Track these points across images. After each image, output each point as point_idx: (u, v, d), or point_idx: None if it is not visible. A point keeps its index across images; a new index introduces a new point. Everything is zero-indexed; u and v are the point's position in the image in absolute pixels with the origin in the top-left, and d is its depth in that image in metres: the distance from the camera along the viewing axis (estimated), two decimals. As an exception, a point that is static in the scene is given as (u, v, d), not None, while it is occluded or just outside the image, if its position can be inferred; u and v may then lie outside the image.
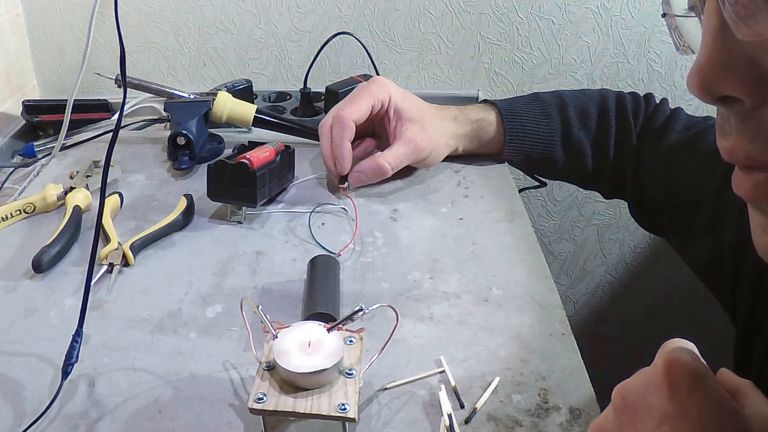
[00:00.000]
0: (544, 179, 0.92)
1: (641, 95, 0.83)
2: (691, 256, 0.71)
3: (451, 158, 0.87)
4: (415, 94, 0.84)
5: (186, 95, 0.93)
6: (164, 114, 1.01)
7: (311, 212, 0.78)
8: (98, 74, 0.96)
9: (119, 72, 0.78)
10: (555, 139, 0.82)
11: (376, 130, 0.86)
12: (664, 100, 0.81)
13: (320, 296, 0.61)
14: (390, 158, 0.80)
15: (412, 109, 0.81)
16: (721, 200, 0.64)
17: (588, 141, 0.81)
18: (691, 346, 0.35)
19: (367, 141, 0.85)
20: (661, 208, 0.75)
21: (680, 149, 0.74)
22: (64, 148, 0.93)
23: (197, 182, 0.84)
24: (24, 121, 1.01)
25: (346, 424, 0.47)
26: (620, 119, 0.80)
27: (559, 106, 0.83)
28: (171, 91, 0.93)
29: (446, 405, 0.52)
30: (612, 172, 0.82)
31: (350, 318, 0.49)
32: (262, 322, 0.49)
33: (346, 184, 0.80)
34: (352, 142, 0.80)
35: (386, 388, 0.54)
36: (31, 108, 1.00)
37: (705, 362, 0.33)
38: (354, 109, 0.79)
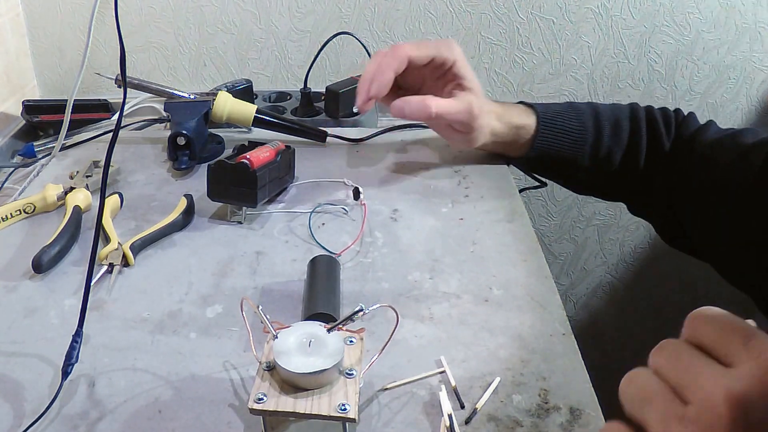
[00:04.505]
0: (543, 179, 0.92)
1: (670, 109, 0.83)
2: (726, 269, 0.70)
3: (451, 158, 0.87)
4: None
5: (186, 95, 0.92)
6: (164, 114, 1.01)
7: (311, 212, 0.78)
8: (98, 74, 0.96)
9: (119, 72, 0.78)
10: (585, 149, 0.82)
11: (422, 88, 0.81)
12: (691, 114, 0.82)
13: (320, 296, 0.61)
14: (441, 103, 0.75)
15: (475, 81, 0.78)
16: (759, 195, 0.64)
17: (619, 152, 0.81)
18: (719, 310, 0.34)
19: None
20: (691, 217, 0.74)
21: (715, 146, 0.74)
22: (64, 148, 0.93)
23: (197, 182, 0.84)
24: (24, 121, 1.01)
25: (346, 425, 0.47)
26: (650, 129, 0.81)
27: (593, 117, 0.82)
28: (171, 91, 0.93)
29: (446, 405, 0.52)
30: (641, 179, 0.82)
31: (350, 318, 0.49)
32: (262, 322, 0.49)
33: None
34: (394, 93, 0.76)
35: (386, 389, 0.54)
36: (31, 108, 1.00)
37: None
38: (415, 48, 0.75)
